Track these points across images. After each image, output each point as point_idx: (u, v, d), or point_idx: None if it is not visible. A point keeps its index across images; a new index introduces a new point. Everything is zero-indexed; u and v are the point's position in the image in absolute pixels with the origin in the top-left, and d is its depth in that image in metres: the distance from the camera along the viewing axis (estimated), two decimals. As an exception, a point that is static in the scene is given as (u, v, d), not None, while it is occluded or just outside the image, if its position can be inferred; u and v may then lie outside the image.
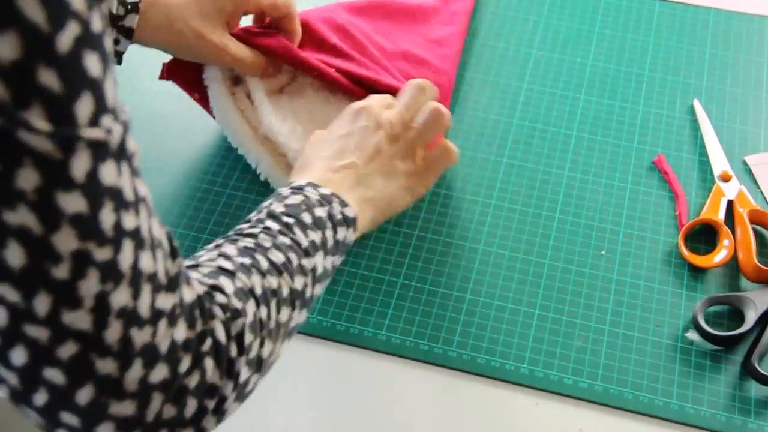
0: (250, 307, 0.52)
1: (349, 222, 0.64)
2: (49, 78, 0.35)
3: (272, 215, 0.60)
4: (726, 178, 0.84)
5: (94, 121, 0.38)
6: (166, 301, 0.45)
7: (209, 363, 0.48)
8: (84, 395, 0.42)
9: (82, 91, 0.37)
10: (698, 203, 0.83)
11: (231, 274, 0.53)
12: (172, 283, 0.45)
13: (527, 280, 0.78)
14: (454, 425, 0.70)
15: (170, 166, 0.85)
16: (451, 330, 0.74)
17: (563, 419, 0.70)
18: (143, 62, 0.94)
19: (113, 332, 0.42)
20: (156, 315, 0.44)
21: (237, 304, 0.51)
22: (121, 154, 0.40)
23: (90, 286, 0.40)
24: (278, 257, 0.57)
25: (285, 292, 0.57)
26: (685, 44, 0.98)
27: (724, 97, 0.93)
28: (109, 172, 0.39)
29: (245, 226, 0.60)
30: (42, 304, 0.39)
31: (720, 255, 0.78)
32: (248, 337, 0.51)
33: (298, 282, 0.58)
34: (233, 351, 0.50)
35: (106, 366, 0.42)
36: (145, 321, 0.43)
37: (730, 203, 0.82)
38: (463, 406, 0.71)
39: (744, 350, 0.74)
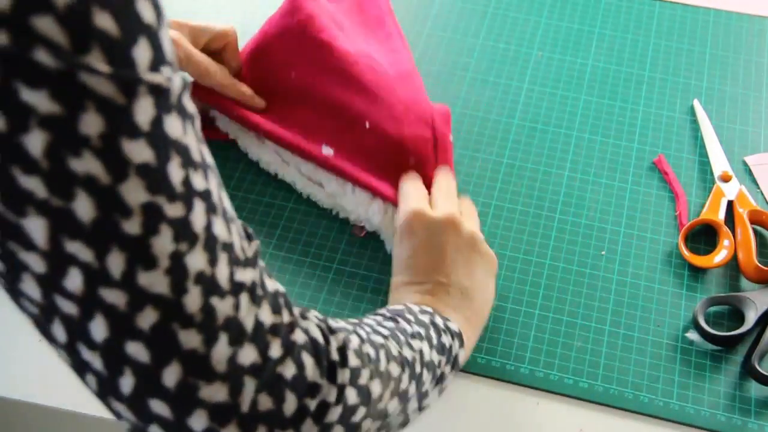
0: (354, 337, 0.51)
1: (452, 333, 0.63)
2: (105, 21, 0.34)
3: (373, 317, 0.59)
4: (726, 179, 0.84)
5: (154, 67, 0.37)
6: (245, 275, 0.42)
7: (307, 358, 0.45)
8: (171, 375, 0.40)
9: (139, 36, 0.36)
10: (698, 203, 0.83)
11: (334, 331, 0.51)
12: (250, 261, 0.43)
13: (527, 280, 0.78)
14: (454, 425, 0.70)
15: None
16: (451, 330, 0.74)
17: (563, 419, 0.70)
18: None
19: (193, 299, 0.40)
20: (236, 287, 0.42)
21: (336, 326, 0.50)
22: (183, 110, 0.39)
23: (164, 243, 0.38)
24: (384, 330, 0.56)
25: (393, 350, 0.55)
26: (685, 44, 0.98)
27: (724, 98, 0.93)
28: (173, 125, 0.38)
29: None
30: (116, 263, 0.37)
31: (720, 255, 0.78)
32: (353, 357, 0.49)
33: (407, 352, 0.56)
34: (335, 355, 0.48)
35: (190, 339, 0.40)
36: (225, 291, 0.41)
37: (730, 203, 0.82)
38: (464, 406, 0.71)
39: (744, 350, 0.74)
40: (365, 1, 0.91)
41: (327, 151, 0.78)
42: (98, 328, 0.39)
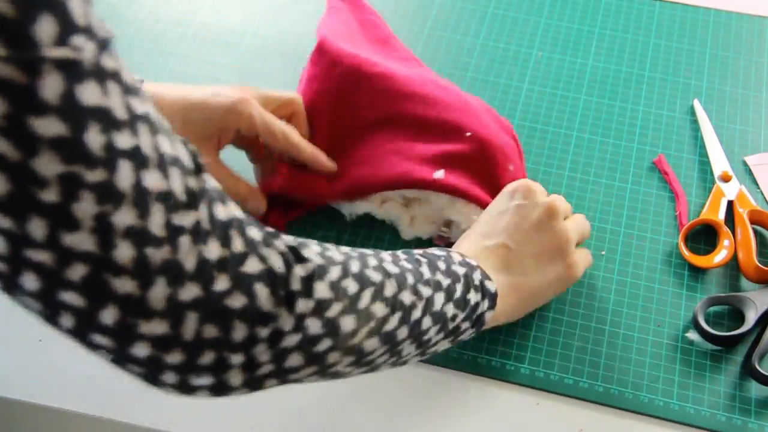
0: (335, 269, 0.51)
1: (485, 292, 0.63)
2: None
3: (400, 254, 0.60)
4: (726, 179, 0.84)
5: (61, 41, 0.37)
6: (186, 218, 0.44)
7: (260, 288, 0.47)
8: (108, 316, 0.43)
9: (40, 13, 0.36)
10: (698, 203, 0.83)
11: (330, 259, 0.52)
12: (194, 200, 0.44)
13: (527, 280, 0.78)
14: (454, 425, 0.70)
15: (170, 167, 0.85)
16: (451, 330, 0.74)
17: (564, 419, 0.70)
18: (143, 62, 0.94)
19: (123, 252, 0.41)
20: (174, 232, 0.43)
21: (315, 258, 0.50)
22: (102, 72, 0.40)
23: (85, 207, 0.40)
24: (392, 269, 0.56)
25: (389, 290, 0.55)
26: (685, 44, 0.98)
27: (724, 97, 0.93)
28: (89, 93, 0.39)
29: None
30: (37, 228, 0.39)
31: (720, 255, 0.78)
32: (323, 288, 0.50)
33: (406, 296, 0.56)
34: (296, 285, 0.49)
35: (124, 285, 0.42)
36: (160, 239, 0.43)
37: (730, 203, 0.82)
38: (464, 406, 0.71)
39: (744, 350, 0.74)
40: (368, 29, 0.91)
41: (438, 174, 0.77)
42: (29, 282, 0.41)
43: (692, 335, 0.74)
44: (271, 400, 0.70)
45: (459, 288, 0.61)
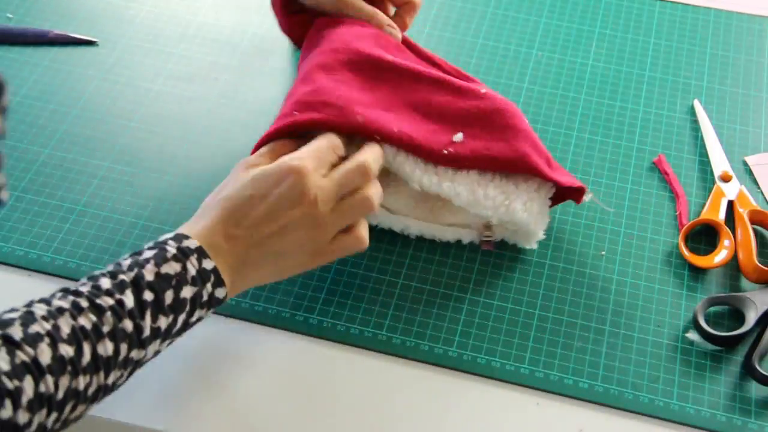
0: (39, 417, 0.52)
1: (213, 303, 0.63)
2: None
3: (136, 283, 0.59)
4: (726, 179, 0.84)
5: None
6: None
7: None
8: None
9: None
10: (698, 203, 0.83)
11: (41, 373, 0.52)
12: None
13: (527, 280, 0.78)
14: (454, 425, 0.70)
15: (171, 167, 0.85)
16: (451, 330, 0.74)
17: (563, 419, 0.70)
18: (143, 62, 0.94)
19: None
20: None
21: (23, 417, 0.51)
22: None
23: None
24: (107, 349, 0.56)
25: (91, 390, 0.56)
26: (685, 44, 0.98)
27: (724, 97, 0.93)
28: None
29: (105, 283, 0.58)
30: None
31: (720, 255, 0.78)
32: (24, 417, 0.51)
33: (113, 376, 0.58)
34: None
35: None
36: None
37: (730, 203, 0.82)
38: (464, 406, 0.71)
39: (744, 350, 0.74)
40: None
41: (458, 137, 0.74)
42: None
43: (692, 335, 0.74)
44: (271, 400, 0.70)
45: (181, 319, 0.61)
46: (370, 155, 0.69)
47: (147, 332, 0.59)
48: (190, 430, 0.68)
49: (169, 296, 0.60)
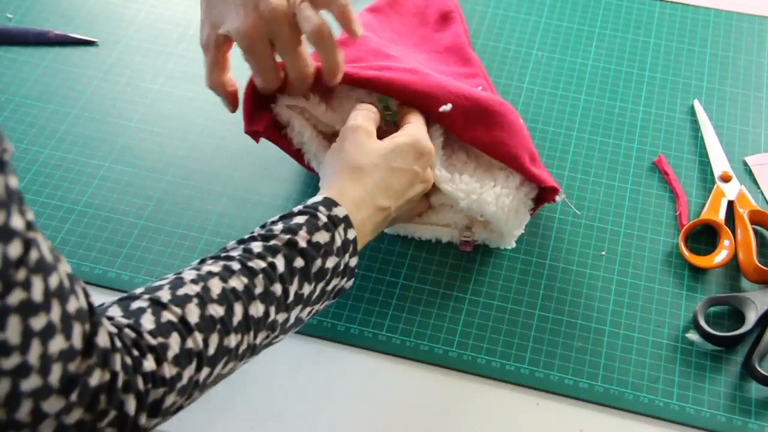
0: (189, 371, 0.53)
1: (347, 273, 0.65)
2: None
3: (289, 247, 0.60)
4: (726, 179, 0.84)
5: None
6: (54, 406, 0.46)
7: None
8: None
9: None
10: (699, 203, 0.83)
11: (188, 330, 0.54)
12: (68, 387, 0.46)
13: (527, 280, 0.78)
14: (454, 425, 0.70)
15: (171, 167, 0.85)
16: (451, 330, 0.74)
17: (563, 419, 0.70)
18: (143, 62, 0.94)
19: None
20: (39, 418, 0.45)
21: (170, 371, 0.52)
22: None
23: None
24: (258, 310, 0.58)
25: (242, 348, 0.58)
26: (685, 44, 0.98)
27: (724, 98, 0.93)
28: None
29: (257, 246, 0.60)
30: None
31: (720, 255, 0.78)
32: (170, 400, 0.53)
33: (261, 336, 0.59)
34: (142, 418, 0.51)
35: None
36: (23, 425, 0.45)
37: (730, 203, 0.82)
38: (464, 406, 0.71)
39: (744, 351, 0.74)
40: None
41: (446, 107, 0.75)
42: None
43: (692, 335, 0.74)
44: (271, 400, 0.70)
45: (320, 287, 0.62)
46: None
47: (292, 297, 0.60)
48: (191, 430, 0.68)
49: (316, 265, 0.61)
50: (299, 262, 0.60)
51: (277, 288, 0.59)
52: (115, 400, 0.49)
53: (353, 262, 0.65)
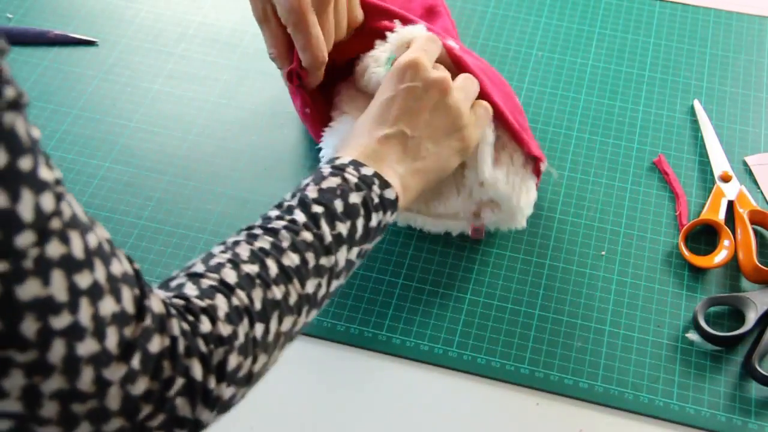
0: (243, 328, 0.53)
1: (387, 205, 0.64)
2: None
3: (303, 203, 0.60)
4: (726, 179, 0.84)
5: None
6: (116, 372, 0.45)
7: (180, 401, 0.48)
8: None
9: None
10: (698, 203, 0.83)
11: (230, 290, 0.53)
12: (127, 351, 0.45)
13: (527, 280, 0.78)
14: (454, 425, 0.70)
15: (171, 167, 0.85)
16: (451, 330, 0.74)
17: (563, 419, 0.70)
18: (143, 62, 0.94)
19: (50, 409, 0.43)
20: (102, 386, 0.44)
21: (225, 329, 0.51)
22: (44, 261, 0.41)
23: (14, 382, 0.41)
24: (293, 260, 0.57)
25: (292, 300, 0.56)
26: (685, 44, 0.98)
27: (724, 98, 0.93)
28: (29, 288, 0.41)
29: (274, 213, 0.60)
30: None
31: (720, 255, 0.78)
32: (234, 361, 0.52)
33: (310, 285, 0.58)
34: (211, 382, 0.50)
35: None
36: (88, 395, 0.44)
37: (730, 204, 0.82)
38: (463, 406, 0.71)
39: (744, 351, 0.74)
40: None
41: (452, 43, 0.76)
42: None
43: (692, 335, 0.74)
44: (271, 400, 0.70)
45: (360, 224, 0.62)
46: (465, 76, 0.74)
47: (329, 239, 0.60)
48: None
49: (339, 205, 0.61)
50: (318, 209, 0.60)
51: (307, 235, 0.58)
52: (179, 365, 0.47)
53: (390, 193, 0.64)
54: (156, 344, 0.47)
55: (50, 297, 0.41)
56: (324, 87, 0.79)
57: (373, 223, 0.63)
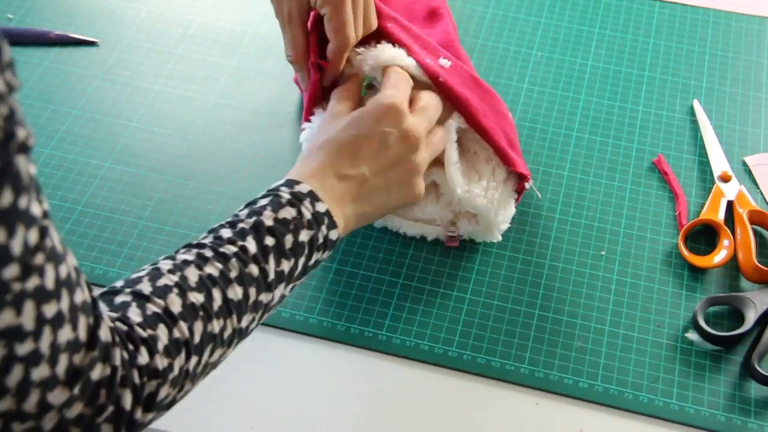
0: (179, 361, 0.54)
1: (328, 245, 0.65)
2: None
3: (257, 229, 0.60)
4: (726, 179, 0.84)
5: None
6: (59, 397, 0.46)
7: (105, 427, 0.50)
8: None
9: None
10: (698, 203, 0.83)
11: (173, 321, 0.54)
12: (73, 379, 0.46)
13: (527, 280, 0.78)
14: (454, 425, 0.70)
15: (171, 167, 0.85)
16: (451, 330, 0.74)
17: (563, 419, 0.70)
18: (143, 62, 0.94)
19: None
20: (44, 410, 0.46)
21: (162, 362, 0.52)
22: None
23: None
24: (237, 294, 0.58)
25: (227, 333, 0.58)
26: (685, 44, 0.98)
27: (724, 98, 0.93)
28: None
29: (226, 234, 0.60)
30: None
31: (720, 255, 0.78)
32: (164, 392, 0.53)
33: (246, 320, 0.59)
34: (138, 413, 0.51)
35: None
36: (29, 416, 0.45)
37: (730, 204, 0.82)
38: (464, 406, 0.71)
39: (744, 350, 0.74)
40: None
41: (444, 62, 0.76)
42: None
43: (692, 335, 0.74)
44: (271, 400, 0.70)
45: (301, 263, 0.62)
46: (429, 94, 0.74)
47: (272, 276, 0.60)
48: (191, 430, 0.68)
49: (289, 240, 0.61)
50: (270, 241, 0.60)
51: (254, 269, 0.59)
52: (113, 395, 0.49)
53: (333, 234, 0.65)
54: (98, 372, 0.48)
55: (20, 326, 0.43)
56: (326, 92, 0.79)
57: (312, 262, 0.64)
